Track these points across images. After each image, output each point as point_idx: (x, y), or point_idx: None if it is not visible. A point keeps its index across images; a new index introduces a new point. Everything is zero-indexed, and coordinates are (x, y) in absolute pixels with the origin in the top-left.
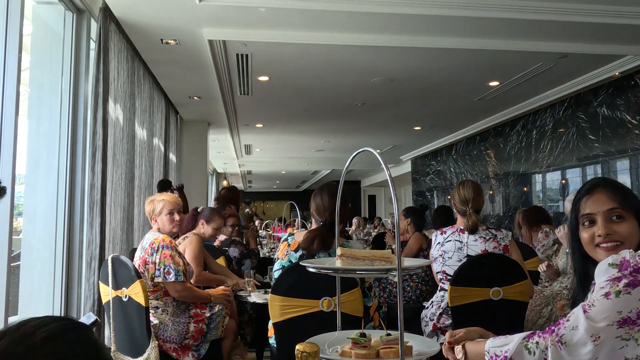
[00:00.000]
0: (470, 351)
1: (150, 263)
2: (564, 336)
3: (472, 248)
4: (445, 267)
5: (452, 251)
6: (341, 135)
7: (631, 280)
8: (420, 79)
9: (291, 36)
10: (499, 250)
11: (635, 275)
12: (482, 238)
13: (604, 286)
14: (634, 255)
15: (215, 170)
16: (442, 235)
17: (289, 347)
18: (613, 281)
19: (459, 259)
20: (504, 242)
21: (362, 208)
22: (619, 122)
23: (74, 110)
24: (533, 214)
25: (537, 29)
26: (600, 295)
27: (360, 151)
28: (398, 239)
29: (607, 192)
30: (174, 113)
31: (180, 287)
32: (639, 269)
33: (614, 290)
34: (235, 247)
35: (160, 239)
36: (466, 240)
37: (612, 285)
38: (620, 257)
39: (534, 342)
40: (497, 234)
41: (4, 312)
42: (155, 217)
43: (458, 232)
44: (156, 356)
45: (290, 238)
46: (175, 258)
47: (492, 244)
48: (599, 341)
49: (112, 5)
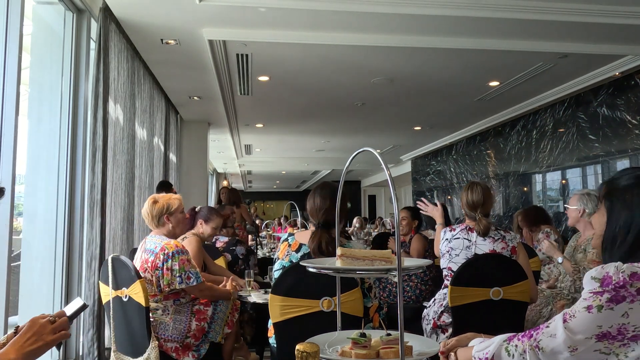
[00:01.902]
0: (461, 358)
1: (164, 269)
2: (541, 342)
3: (481, 247)
4: (451, 264)
5: (459, 249)
6: (341, 135)
7: (614, 295)
8: (420, 79)
9: (291, 36)
10: (507, 252)
11: (618, 291)
12: (491, 238)
13: (587, 298)
14: (618, 271)
15: (215, 170)
16: (450, 232)
17: (289, 347)
18: (595, 294)
19: (466, 257)
20: (512, 244)
21: (362, 208)
22: (619, 122)
23: (74, 110)
24: (533, 215)
25: (537, 29)
26: (582, 307)
27: (360, 151)
28: (398, 239)
29: None
30: (174, 113)
31: (203, 287)
32: (622, 286)
33: (596, 305)
34: (241, 246)
35: (173, 244)
36: (475, 239)
37: (594, 299)
38: (604, 271)
39: (513, 344)
40: (506, 235)
41: (4, 312)
42: (168, 216)
43: (467, 230)
44: (156, 356)
45: (291, 238)
46: (192, 262)
47: (500, 244)
48: (576, 352)
49: (112, 5)
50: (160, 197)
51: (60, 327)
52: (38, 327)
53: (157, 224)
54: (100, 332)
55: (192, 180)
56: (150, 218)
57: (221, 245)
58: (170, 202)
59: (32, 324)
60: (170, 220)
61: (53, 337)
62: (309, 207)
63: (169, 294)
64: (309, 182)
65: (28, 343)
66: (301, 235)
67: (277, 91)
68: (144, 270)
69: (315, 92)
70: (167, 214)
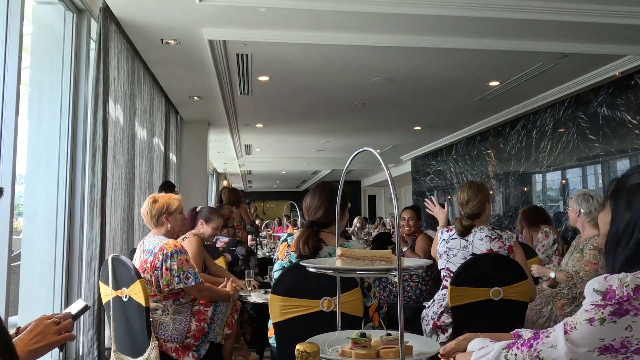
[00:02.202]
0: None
1: (163, 269)
2: (541, 352)
3: (478, 247)
4: (449, 264)
5: (457, 249)
6: (341, 135)
7: (617, 309)
8: (420, 79)
9: (291, 36)
10: (504, 250)
11: (621, 305)
12: (488, 237)
13: (589, 310)
14: (622, 285)
15: (215, 170)
16: (447, 233)
17: (289, 347)
18: (598, 307)
19: (463, 257)
20: (509, 243)
21: (362, 208)
22: (619, 122)
23: (74, 110)
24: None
25: (537, 29)
26: (583, 319)
27: (360, 151)
28: (398, 238)
29: None
30: (174, 113)
31: (202, 288)
32: (626, 300)
33: (599, 317)
34: (241, 247)
35: (172, 244)
36: (472, 238)
37: (596, 312)
38: (607, 284)
39: (512, 353)
40: (503, 235)
41: (4, 312)
42: (167, 216)
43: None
44: (156, 356)
45: (290, 238)
46: (190, 262)
47: (497, 243)
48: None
49: (112, 5)
50: (160, 197)
51: (65, 328)
52: (43, 327)
53: (156, 223)
54: (100, 332)
55: (192, 181)
56: (149, 217)
57: (221, 245)
58: (170, 202)
59: (38, 324)
60: (169, 220)
61: (57, 338)
62: (304, 206)
63: (168, 294)
64: (309, 182)
65: (32, 342)
66: None
67: (277, 91)
68: (143, 270)
69: (315, 92)
70: (166, 214)
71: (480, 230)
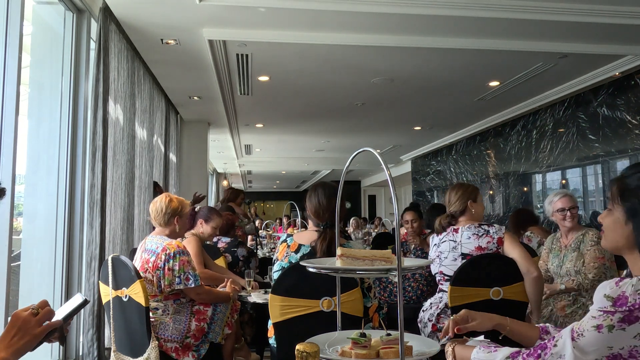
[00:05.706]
0: (459, 356)
1: (165, 269)
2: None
3: (466, 246)
4: (442, 267)
5: (447, 251)
6: (341, 135)
7: (627, 315)
8: (420, 79)
9: (291, 36)
10: (494, 244)
11: (632, 312)
12: (475, 235)
13: (597, 316)
14: (635, 292)
15: (215, 170)
16: (437, 237)
17: (289, 347)
18: (606, 313)
19: (454, 258)
20: (498, 235)
21: (362, 208)
22: (619, 122)
23: (74, 110)
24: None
25: (537, 29)
26: (591, 325)
27: (360, 151)
28: (398, 238)
29: None
30: (174, 113)
31: (201, 291)
32: (638, 308)
33: (607, 324)
34: (242, 248)
35: (175, 244)
36: (460, 239)
37: (605, 318)
38: (619, 290)
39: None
40: (490, 229)
41: (4, 312)
42: (178, 218)
43: (452, 232)
44: (156, 356)
45: (290, 239)
46: (192, 263)
47: (485, 239)
48: None
49: (112, 5)
50: (175, 198)
51: (45, 317)
52: (21, 322)
53: (166, 222)
54: (100, 332)
55: (192, 180)
56: (161, 215)
57: (223, 246)
58: (183, 204)
59: (15, 319)
60: (178, 222)
61: (40, 329)
62: (312, 207)
63: (169, 294)
64: (309, 182)
65: (15, 339)
66: (300, 236)
67: (277, 91)
68: (145, 270)
69: (315, 92)
70: (178, 215)
71: (467, 229)
